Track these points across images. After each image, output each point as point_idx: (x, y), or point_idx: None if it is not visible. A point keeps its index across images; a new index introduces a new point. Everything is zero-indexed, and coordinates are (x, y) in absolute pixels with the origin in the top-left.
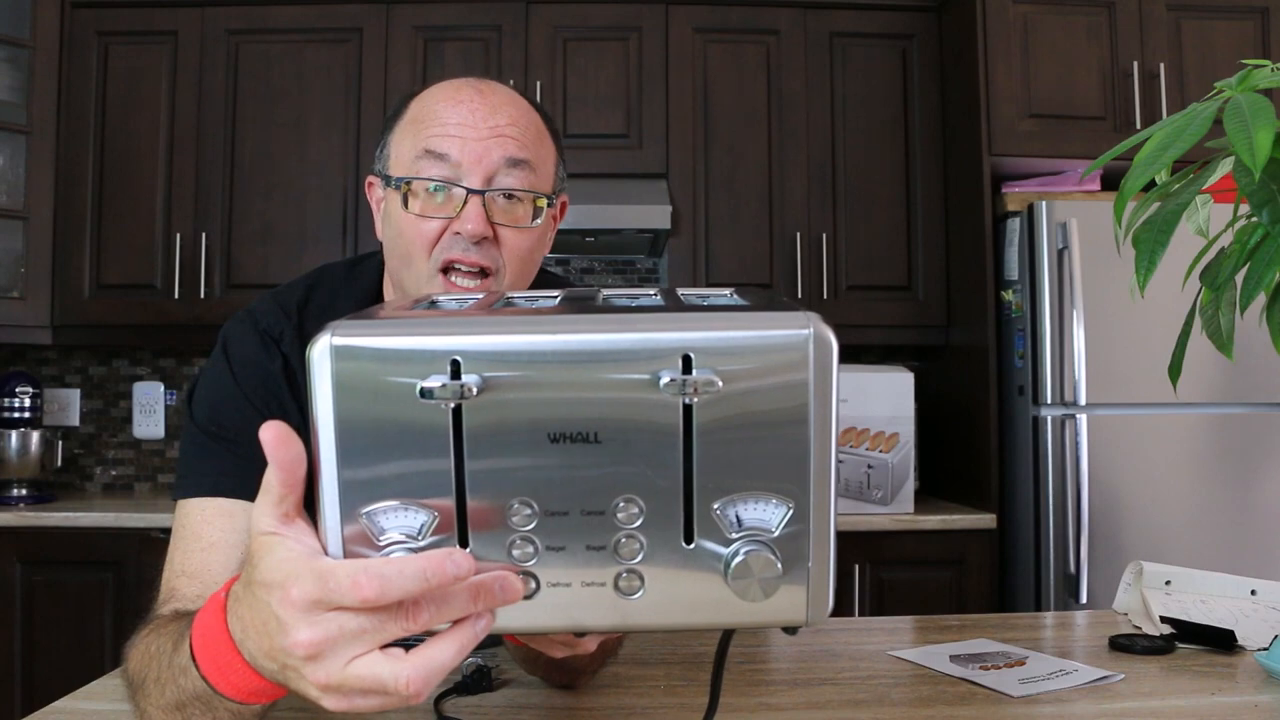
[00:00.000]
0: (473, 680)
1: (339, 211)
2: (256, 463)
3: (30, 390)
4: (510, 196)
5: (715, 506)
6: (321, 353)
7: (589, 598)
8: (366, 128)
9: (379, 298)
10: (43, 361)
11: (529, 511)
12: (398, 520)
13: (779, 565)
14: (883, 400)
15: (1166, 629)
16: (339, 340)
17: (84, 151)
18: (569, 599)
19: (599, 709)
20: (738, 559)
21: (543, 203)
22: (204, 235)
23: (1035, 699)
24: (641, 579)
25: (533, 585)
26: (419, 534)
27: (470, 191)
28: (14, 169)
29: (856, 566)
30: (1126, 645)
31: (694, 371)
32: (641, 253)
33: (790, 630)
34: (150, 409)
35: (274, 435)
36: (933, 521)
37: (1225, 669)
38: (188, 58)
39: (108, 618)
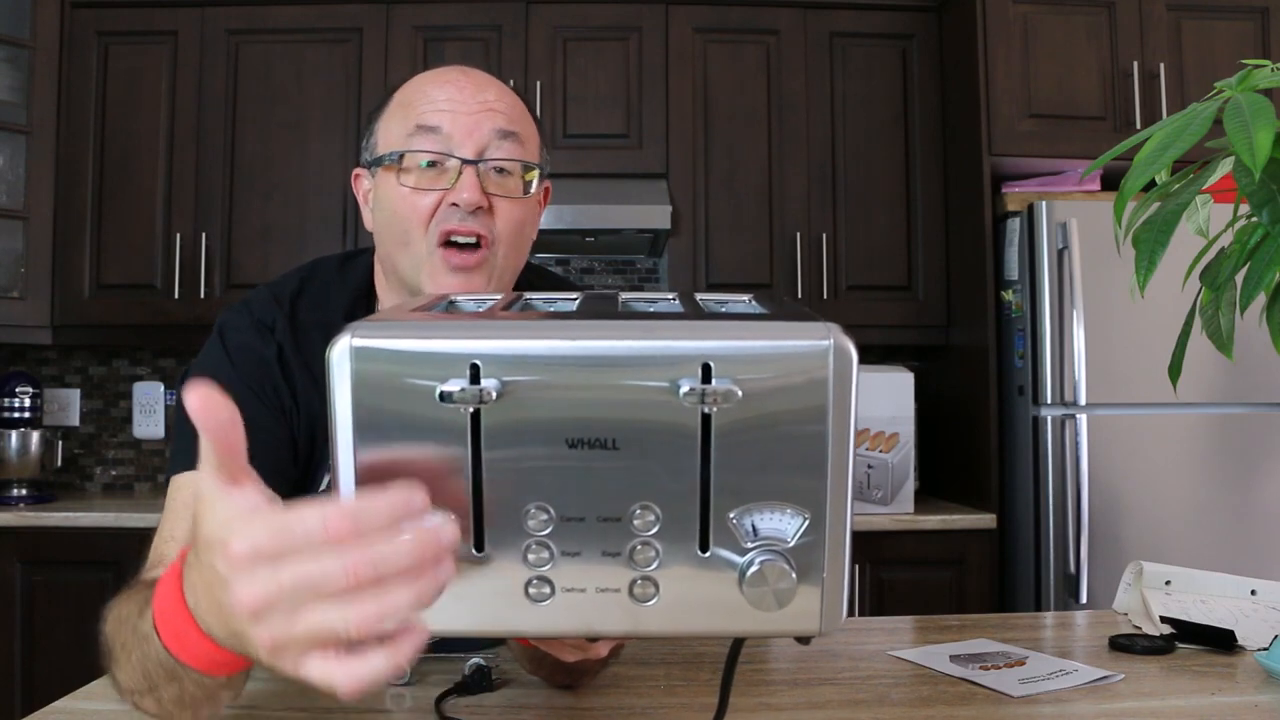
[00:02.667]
0: (473, 680)
1: (339, 211)
2: (249, 440)
3: (30, 390)
4: (501, 170)
5: (731, 515)
6: (341, 353)
7: (603, 603)
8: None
9: (371, 292)
10: (43, 361)
11: (545, 516)
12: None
13: (794, 575)
14: (883, 400)
15: (1166, 629)
16: (359, 341)
17: (84, 151)
18: (583, 604)
19: (599, 709)
20: (753, 568)
21: (532, 175)
22: (204, 235)
23: (1035, 699)
24: (656, 586)
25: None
26: None
27: (465, 162)
28: (14, 169)
29: (857, 566)
30: (1126, 645)
31: (713, 381)
32: (641, 253)
33: (803, 640)
34: (150, 409)
35: (198, 401)
36: (933, 521)
37: (1225, 669)
38: (188, 58)
39: None
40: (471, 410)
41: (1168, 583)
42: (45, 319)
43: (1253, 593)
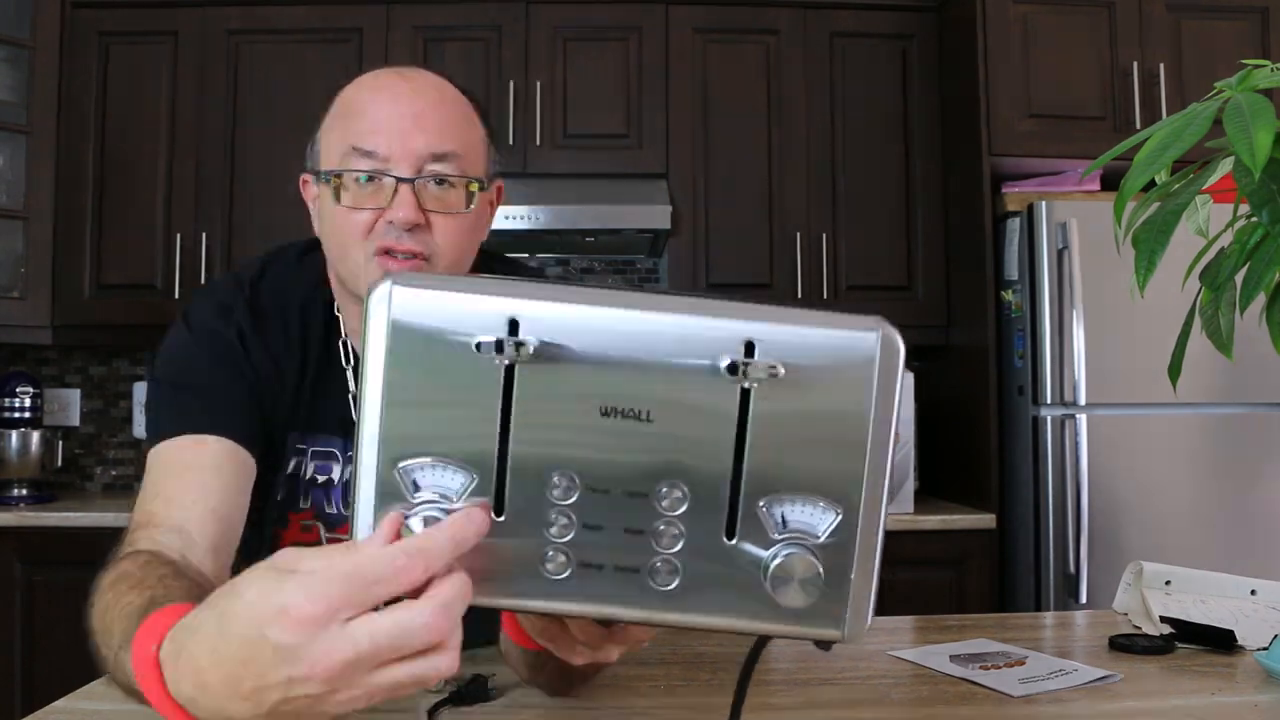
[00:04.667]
0: (469, 691)
1: None
2: (221, 405)
3: (30, 390)
4: (442, 182)
5: (761, 504)
6: (380, 298)
7: (620, 584)
8: None
9: (326, 285)
10: (43, 361)
11: (570, 484)
12: (435, 479)
13: (820, 572)
14: None
15: (1166, 629)
16: (400, 287)
17: (84, 151)
18: (600, 582)
19: (599, 709)
20: (778, 560)
21: (475, 187)
22: (204, 235)
23: (1035, 699)
24: (677, 570)
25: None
26: (456, 496)
27: (400, 180)
28: (14, 169)
29: None
30: (1126, 645)
31: (756, 356)
32: (641, 253)
33: (824, 645)
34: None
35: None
36: (933, 521)
37: (1225, 669)
38: (188, 58)
39: None
40: (506, 364)
41: (1168, 583)
42: (45, 319)
43: (1253, 593)
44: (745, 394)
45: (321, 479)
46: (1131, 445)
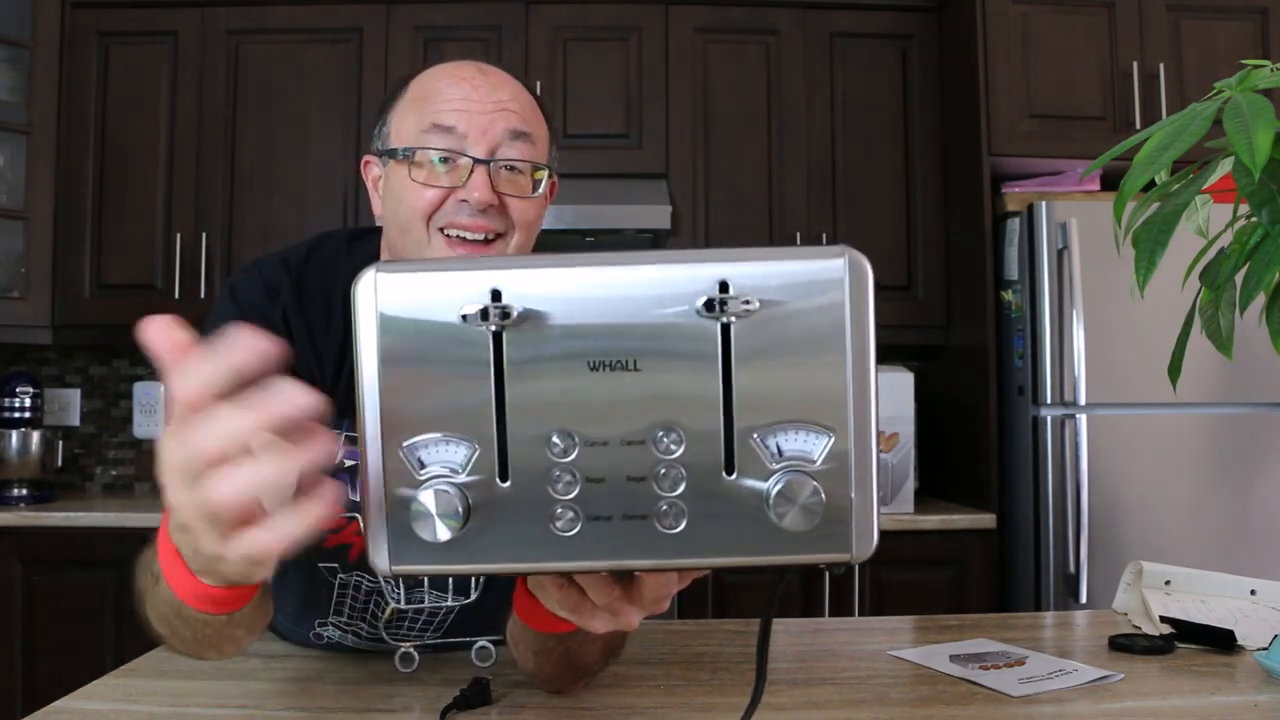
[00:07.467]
0: (472, 694)
1: (339, 211)
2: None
3: (30, 390)
4: (512, 168)
5: (755, 436)
6: (366, 287)
7: (630, 532)
8: (366, 128)
9: None
10: (43, 361)
11: (569, 442)
12: (439, 454)
13: (821, 494)
14: (882, 400)
15: (1166, 629)
16: (383, 275)
17: (84, 151)
18: (610, 533)
19: (599, 709)
20: (778, 486)
21: (541, 174)
22: (204, 235)
23: (1035, 699)
24: (683, 511)
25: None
26: (461, 468)
27: (476, 161)
28: (14, 169)
29: (856, 567)
30: (1126, 645)
31: (730, 292)
32: None
33: (836, 569)
34: (151, 409)
35: (157, 331)
36: (933, 521)
37: (1225, 669)
38: (188, 58)
39: (108, 618)
40: (493, 331)
41: (1167, 583)
42: (45, 319)
43: (1253, 593)
44: (725, 330)
45: (350, 464)
46: (1131, 445)
